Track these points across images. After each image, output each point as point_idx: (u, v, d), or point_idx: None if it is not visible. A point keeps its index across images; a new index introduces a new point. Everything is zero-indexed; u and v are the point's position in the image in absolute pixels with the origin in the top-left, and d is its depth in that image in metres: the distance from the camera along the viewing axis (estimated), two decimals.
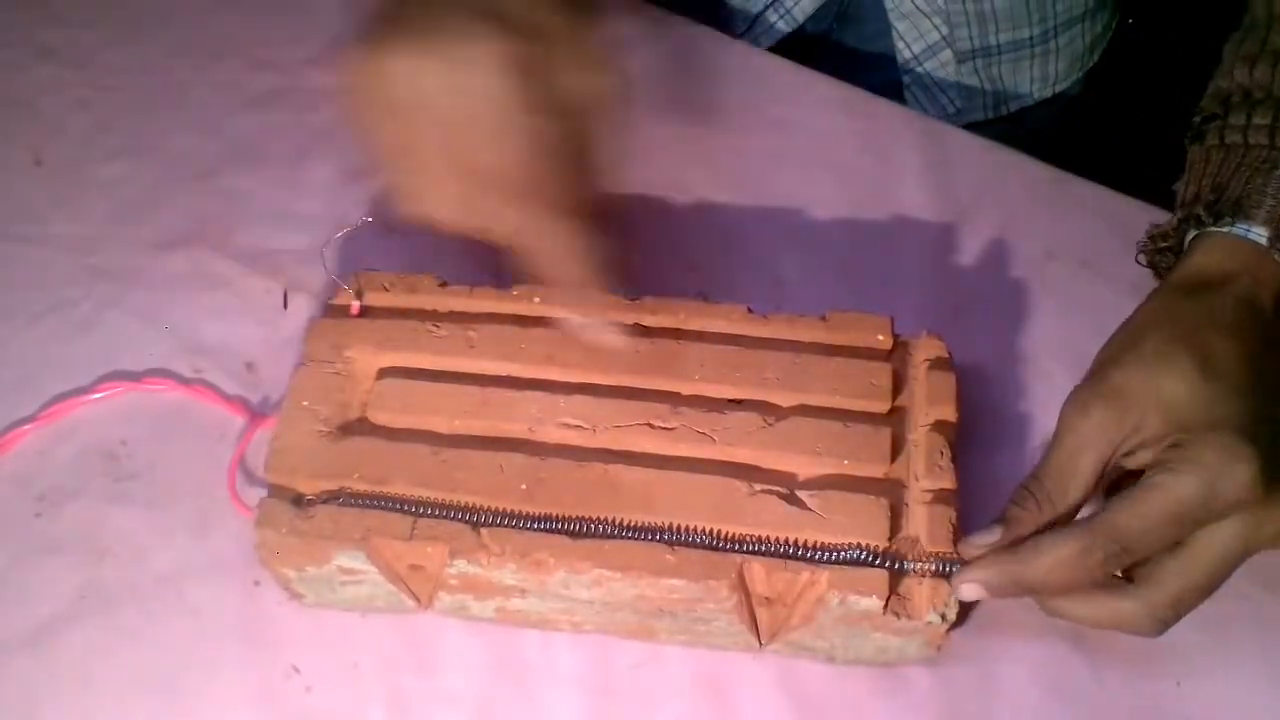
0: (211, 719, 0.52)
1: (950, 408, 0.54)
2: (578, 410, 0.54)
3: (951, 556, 0.50)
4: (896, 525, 0.51)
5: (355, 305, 0.58)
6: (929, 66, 0.78)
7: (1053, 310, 0.64)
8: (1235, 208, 0.54)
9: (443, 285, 0.58)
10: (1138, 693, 0.52)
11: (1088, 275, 0.65)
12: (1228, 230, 0.54)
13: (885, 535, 0.50)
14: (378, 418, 0.55)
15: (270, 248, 0.66)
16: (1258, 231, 0.53)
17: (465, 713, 0.52)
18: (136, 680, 0.53)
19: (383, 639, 0.54)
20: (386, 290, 0.58)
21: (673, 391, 0.55)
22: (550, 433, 0.54)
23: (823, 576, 0.49)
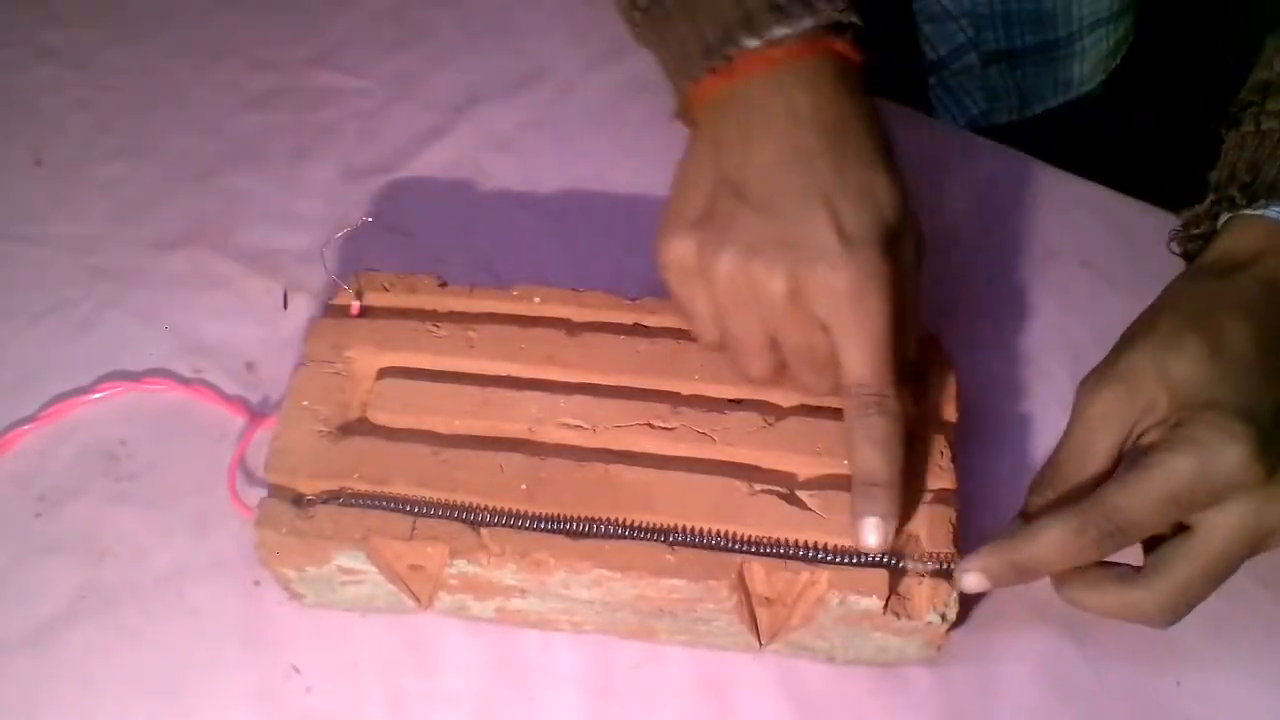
0: (211, 719, 0.52)
1: (950, 408, 0.54)
2: (578, 410, 0.54)
3: (952, 556, 0.50)
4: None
5: (355, 305, 0.58)
6: (954, 69, 0.78)
7: (1053, 310, 0.63)
8: (1270, 189, 0.53)
9: (443, 285, 0.58)
10: (1138, 692, 0.52)
11: (1088, 275, 0.65)
12: (1261, 212, 0.53)
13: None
14: (378, 418, 0.55)
15: (270, 248, 0.66)
16: None
17: (465, 713, 0.52)
18: (136, 680, 0.53)
19: (383, 639, 0.54)
20: (386, 290, 0.58)
21: (673, 391, 0.55)
22: (550, 433, 0.54)
23: (823, 576, 0.49)
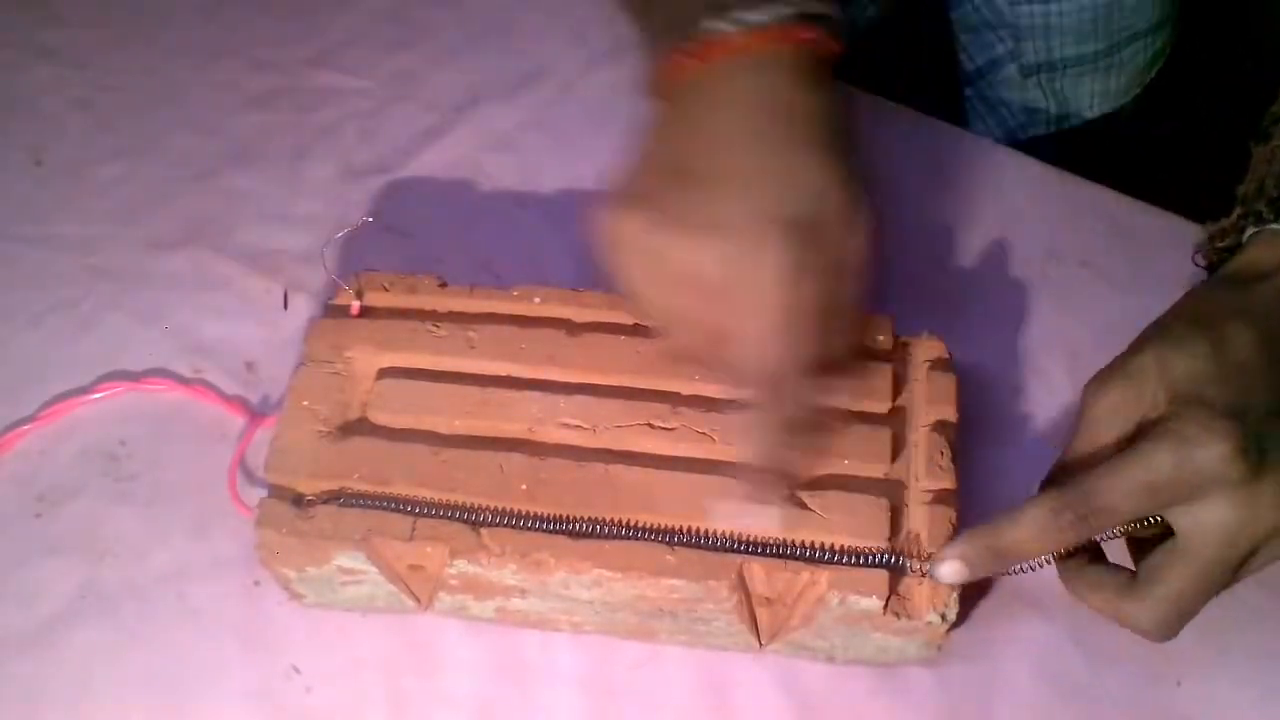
0: (211, 719, 0.52)
1: (950, 408, 0.54)
2: (578, 410, 0.54)
3: None
4: (897, 525, 0.51)
5: (355, 305, 0.58)
6: (992, 80, 0.78)
7: (1053, 310, 0.63)
8: None
9: (443, 285, 0.58)
10: (1138, 693, 0.52)
11: (1088, 275, 0.65)
12: None
13: (885, 535, 0.50)
14: (378, 418, 0.55)
15: (270, 248, 0.66)
16: None
17: (465, 713, 0.52)
18: (136, 680, 0.53)
19: (383, 639, 0.54)
20: (386, 290, 0.58)
21: (673, 391, 0.55)
22: (550, 433, 0.54)
23: (823, 576, 0.49)
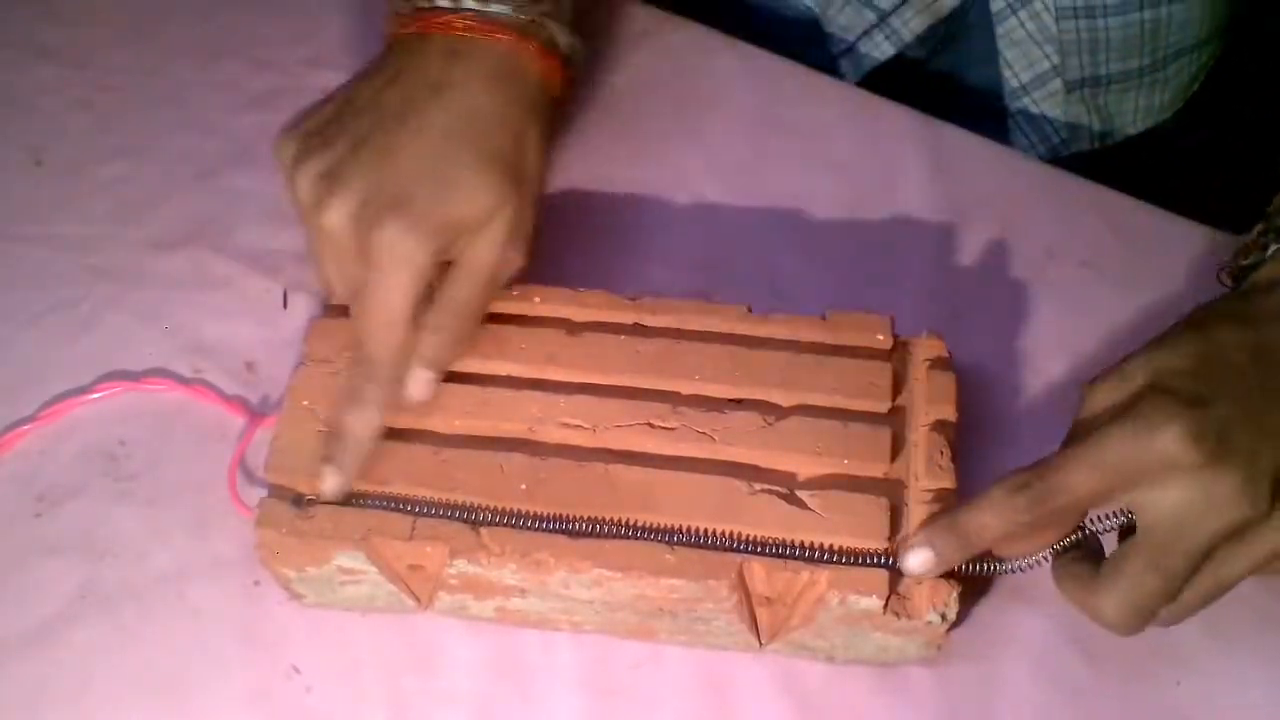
0: (211, 719, 0.52)
1: (950, 408, 0.54)
2: (578, 410, 0.54)
3: None
4: (896, 525, 0.51)
5: None
6: (1036, 97, 0.77)
7: (1053, 310, 0.63)
8: None
9: None
10: (1138, 692, 0.52)
11: (1088, 275, 0.65)
12: None
13: (885, 535, 0.50)
14: None
15: (270, 248, 0.66)
16: None
17: (465, 713, 0.52)
18: (136, 680, 0.53)
19: (383, 639, 0.54)
20: None
21: (673, 391, 0.55)
22: (550, 432, 0.54)
23: (823, 576, 0.49)
